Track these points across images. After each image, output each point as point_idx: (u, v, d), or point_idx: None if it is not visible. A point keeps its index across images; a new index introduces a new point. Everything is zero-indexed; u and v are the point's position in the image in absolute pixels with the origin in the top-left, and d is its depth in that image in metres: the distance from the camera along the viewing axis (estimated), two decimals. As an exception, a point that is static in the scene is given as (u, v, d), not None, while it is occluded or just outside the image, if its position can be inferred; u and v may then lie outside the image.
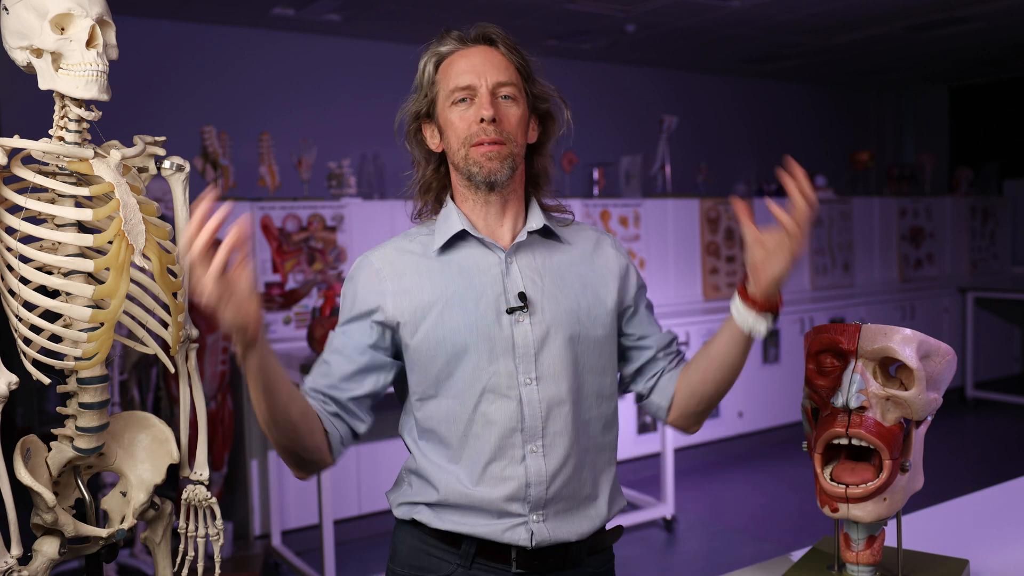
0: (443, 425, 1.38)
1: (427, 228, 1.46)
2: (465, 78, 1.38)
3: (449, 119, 1.39)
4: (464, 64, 1.39)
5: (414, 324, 1.38)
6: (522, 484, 1.35)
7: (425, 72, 1.43)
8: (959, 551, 1.49)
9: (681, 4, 5.41)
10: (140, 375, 3.70)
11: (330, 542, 3.36)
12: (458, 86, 1.38)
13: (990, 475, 3.03)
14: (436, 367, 1.37)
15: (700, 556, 4.01)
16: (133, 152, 1.40)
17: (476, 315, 1.36)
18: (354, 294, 1.42)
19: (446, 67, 1.41)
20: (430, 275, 1.40)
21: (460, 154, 1.39)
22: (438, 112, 1.41)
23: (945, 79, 8.81)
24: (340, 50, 6.18)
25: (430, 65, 1.42)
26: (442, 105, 1.40)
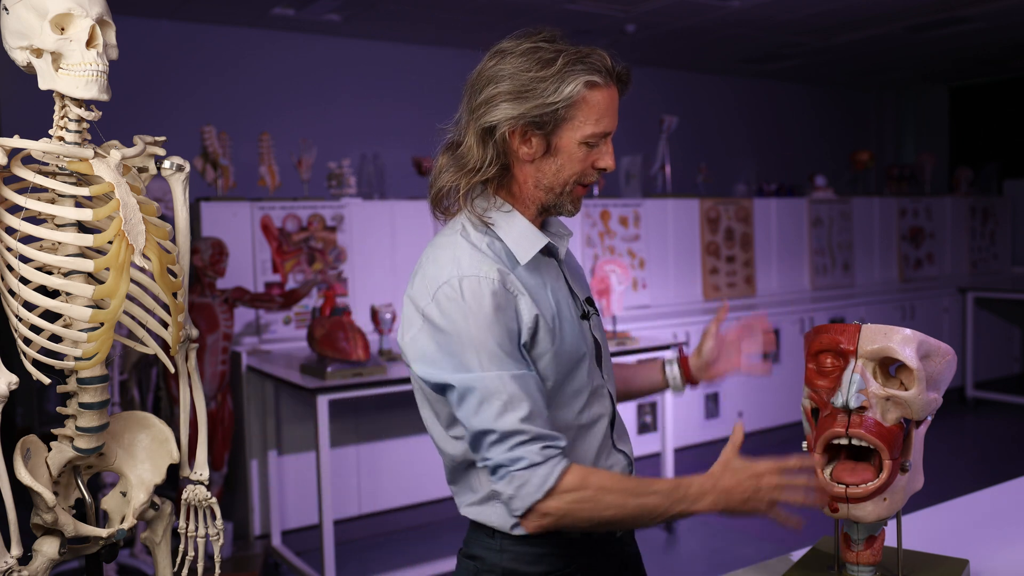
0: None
1: (477, 232, 1.36)
2: (608, 123, 1.34)
3: (574, 153, 1.33)
4: (608, 106, 1.33)
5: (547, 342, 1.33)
6: (624, 467, 1.46)
7: (571, 89, 1.29)
8: (959, 551, 1.49)
9: (681, 4, 5.41)
10: (140, 375, 3.70)
11: (330, 542, 3.36)
12: (602, 131, 1.33)
13: (990, 475, 3.03)
14: (556, 379, 1.35)
15: (700, 556, 4.01)
16: (133, 152, 1.40)
17: (574, 324, 1.39)
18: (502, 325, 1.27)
19: (593, 99, 1.31)
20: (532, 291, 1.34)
21: (566, 187, 1.36)
22: (561, 133, 1.32)
23: (945, 79, 8.81)
24: (340, 50, 6.18)
25: (580, 86, 1.30)
26: (571, 132, 1.32)
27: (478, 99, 1.33)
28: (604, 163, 1.36)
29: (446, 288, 1.28)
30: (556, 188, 1.36)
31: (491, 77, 1.33)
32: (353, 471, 4.18)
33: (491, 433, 1.25)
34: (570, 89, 1.29)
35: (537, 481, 1.24)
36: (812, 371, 1.35)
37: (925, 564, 1.41)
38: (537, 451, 1.24)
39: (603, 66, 1.32)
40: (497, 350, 1.26)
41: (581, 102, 1.30)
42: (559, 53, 1.31)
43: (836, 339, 1.32)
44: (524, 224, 1.37)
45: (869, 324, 1.31)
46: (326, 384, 3.38)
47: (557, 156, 1.33)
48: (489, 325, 1.26)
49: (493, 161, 1.34)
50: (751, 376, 1.60)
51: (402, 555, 4.00)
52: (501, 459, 1.25)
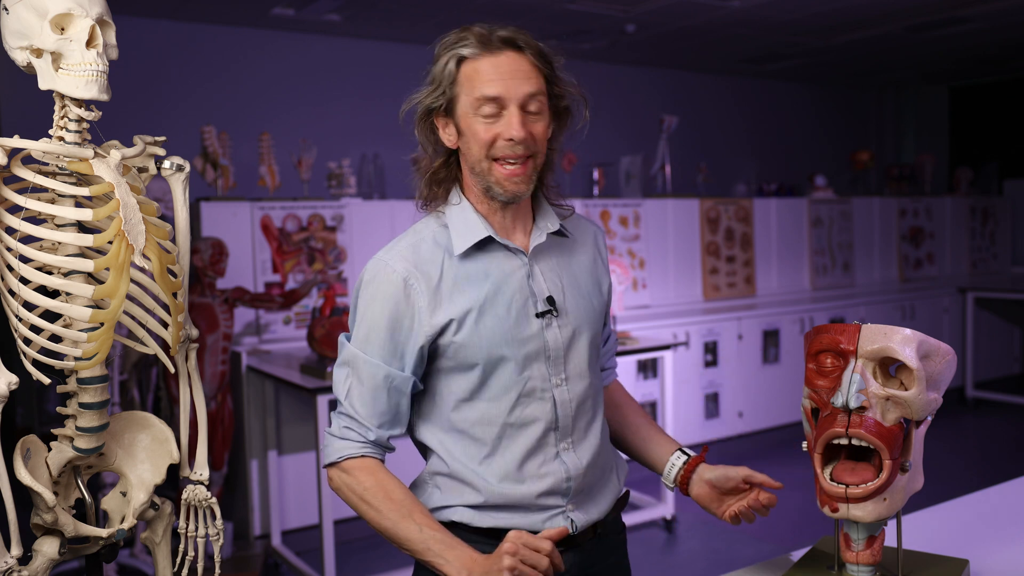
0: (477, 427, 1.40)
1: (436, 223, 1.43)
2: (493, 87, 1.33)
3: (473, 127, 1.35)
4: (492, 71, 1.33)
5: (450, 333, 1.37)
6: (561, 479, 1.41)
7: (446, 69, 1.36)
8: (959, 551, 1.49)
9: (681, 4, 5.41)
10: (140, 375, 3.70)
11: (330, 542, 3.36)
12: (485, 95, 1.33)
13: (990, 475, 3.03)
14: (474, 374, 1.38)
15: (700, 556, 4.01)
16: (133, 152, 1.40)
17: (509, 321, 1.38)
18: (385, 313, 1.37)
19: (471, 70, 1.35)
20: (459, 282, 1.37)
21: (482, 165, 1.36)
22: (459, 113, 1.37)
23: (945, 79, 8.81)
24: (340, 50, 6.18)
25: (452, 63, 1.35)
26: (464, 108, 1.35)
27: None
28: (507, 132, 1.33)
29: (367, 267, 1.43)
30: (476, 167, 1.38)
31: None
32: (353, 471, 4.18)
33: (333, 391, 1.43)
34: (444, 68, 1.36)
35: (330, 450, 1.40)
36: (812, 371, 1.35)
37: (925, 564, 1.41)
38: (340, 427, 1.40)
39: (475, 38, 1.36)
40: (370, 333, 1.37)
41: (460, 78, 1.36)
42: (439, 41, 1.40)
43: (836, 339, 1.32)
44: (469, 215, 1.40)
45: (869, 324, 1.31)
46: (326, 384, 3.38)
47: (465, 135, 1.37)
48: (374, 308, 1.37)
49: (433, 154, 1.43)
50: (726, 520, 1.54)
51: (402, 555, 3.98)
52: (333, 415, 1.44)
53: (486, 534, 1.39)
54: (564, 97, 1.43)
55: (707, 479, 1.50)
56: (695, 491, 1.51)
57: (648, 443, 1.59)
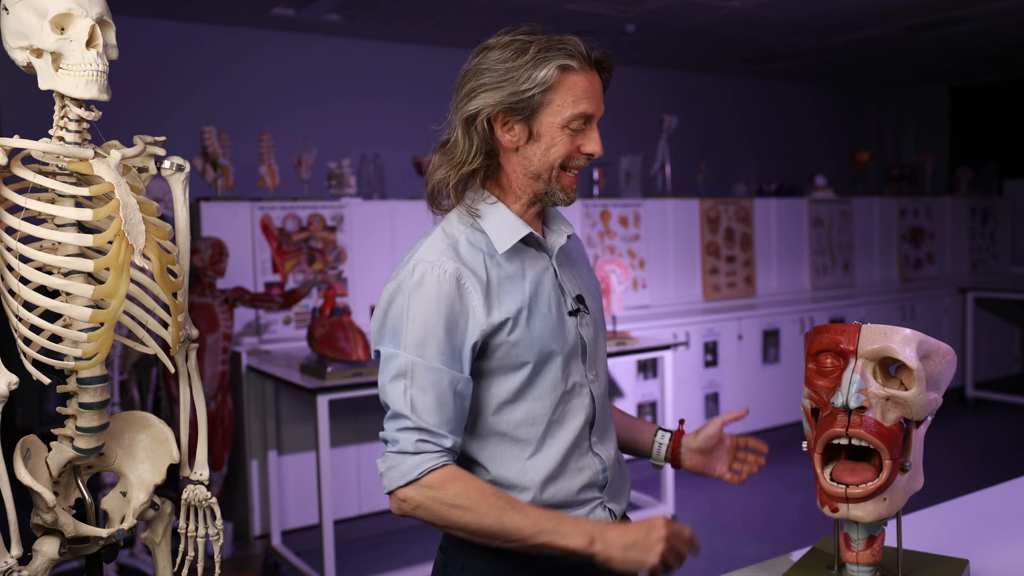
0: (521, 428, 1.39)
1: (463, 225, 1.39)
2: (590, 106, 1.36)
3: (556, 137, 1.35)
4: (588, 89, 1.36)
5: (505, 333, 1.35)
6: (597, 471, 1.44)
7: (544, 73, 1.33)
8: (959, 551, 1.49)
9: (681, 4, 5.41)
10: (140, 375, 3.70)
11: (330, 542, 3.36)
12: (585, 112, 1.35)
13: (990, 475, 3.03)
14: (522, 373, 1.37)
15: (700, 556, 4.00)
16: (133, 152, 1.40)
17: (552, 320, 1.39)
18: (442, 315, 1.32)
19: (572, 82, 1.34)
20: (503, 282, 1.37)
21: (552, 173, 1.37)
22: (541, 119, 1.35)
23: (945, 79, 8.81)
24: (340, 50, 6.18)
25: (553, 70, 1.33)
26: (552, 117, 1.34)
27: (459, 94, 1.38)
28: (590, 148, 1.37)
29: (403, 270, 1.35)
30: (543, 174, 1.37)
31: (474, 72, 1.37)
32: (353, 471, 4.18)
33: (388, 408, 1.34)
34: (544, 73, 1.32)
35: (404, 468, 1.30)
36: (812, 371, 1.35)
37: (925, 564, 1.41)
38: (413, 441, 1.30)
39: (577, 51, 1.35)
40: (426, 336, 1.31)
41: (557, 86, 1.34)
42: (533, 41, 1.35)
43: (836, 339, 1.32)
44: (507, 214, 1.39)
45: (869, 324, 1.31)
46: (326, 384, 3.38)
47: (540, 141, 1.36)
48: (427, 311, 1.31)
49: (478, 151, 1.37)
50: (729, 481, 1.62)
51: (402, 555, 4.00)
52: (387, 434, 1.33)
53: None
54: None
55: (694, 447, 1.60)
56: (688, 462, 1.61)
57: (633, 431, 1.65)
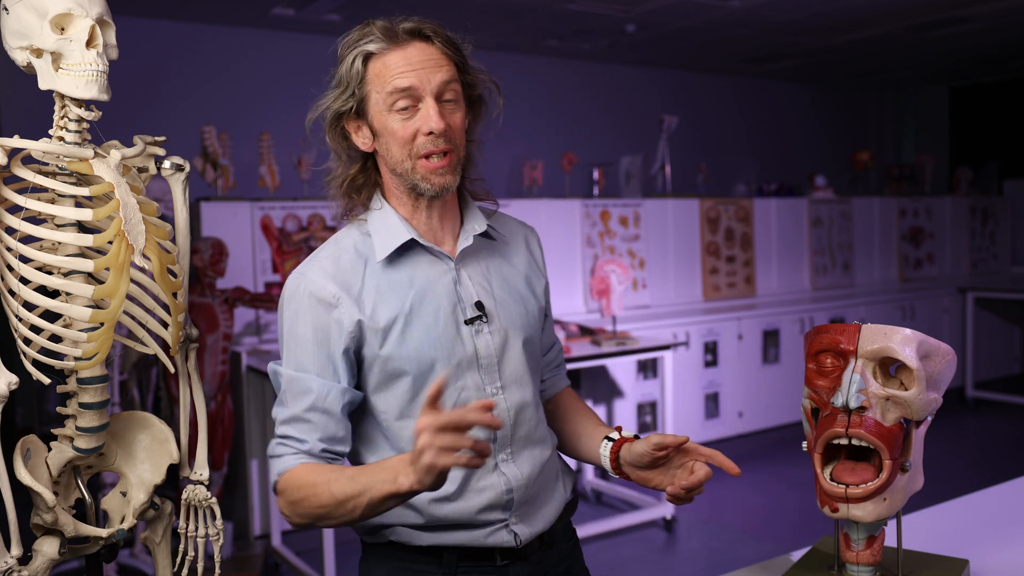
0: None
1: (357, 232, 1.36)
2: (405, 79, 1.27)
3: (389, 126, 1.29)
4: (402, 63, 1.27)
5: (375, 345, 1.30)
6: (500, 492, 1.34)
7: (353, 68, 1.29)
8: (959, 551, 1.49)
9: (681, 4, 5.41)
10: (140, 375, 3.70)
11: (330, 542, 3.36)
12: (398, 88, 1.27)
13: (990, 475, 3.03)
14: (403, 387, 1.32)
15: (700, 556, 4.01)
16: (133, 152, 1.40)
17: (438, 330, 1.32)
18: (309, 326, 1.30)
19: (379, 66, 1.29)
20: (382, 291, 1.31)
21: (405, 165, 1.30)
22: (371, 113, 1.31)
23: (945, 79, 8.81)
24: (340, 50, 6.17)
25: (358, 61, 1.29)
26: (377, 107, 1.30)
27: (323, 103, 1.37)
28: (426, 126, 1.27)
29: (288, 281, 1.36)
30: (398, 167, 1.32)
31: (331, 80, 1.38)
32: (353, 471, 4.18)
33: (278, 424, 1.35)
34: (352, 69, 1.30)
35: (273, 471, 1.33)
36: (812, 371, 1.35)
37: (925, 564, 1.41)
38: (275, 445, 1.33)
39: (378, 33, 1.29)
40: (296, 347, 1.32)
41: (368, 75, 1.30)
42: (341, 42, 1.34)
43: (836, 339, 1.32)
44: (393, 219, 1.35)
45: (869, 324, 1.31)
46: (326, 384, 3.38)
47: (382, 136, 1.32)
48: (297, 322, 1.32)
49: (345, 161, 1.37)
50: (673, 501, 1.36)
51: (402, 555, 3.99)
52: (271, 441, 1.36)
53: (427, 552, 1.34)
54: (477, 86, 1.38)
55: (629, 461, 1.39)
56: (631, 474, 1.40)
57: (582, 440, 1.49)
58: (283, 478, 1.29)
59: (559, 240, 5.25)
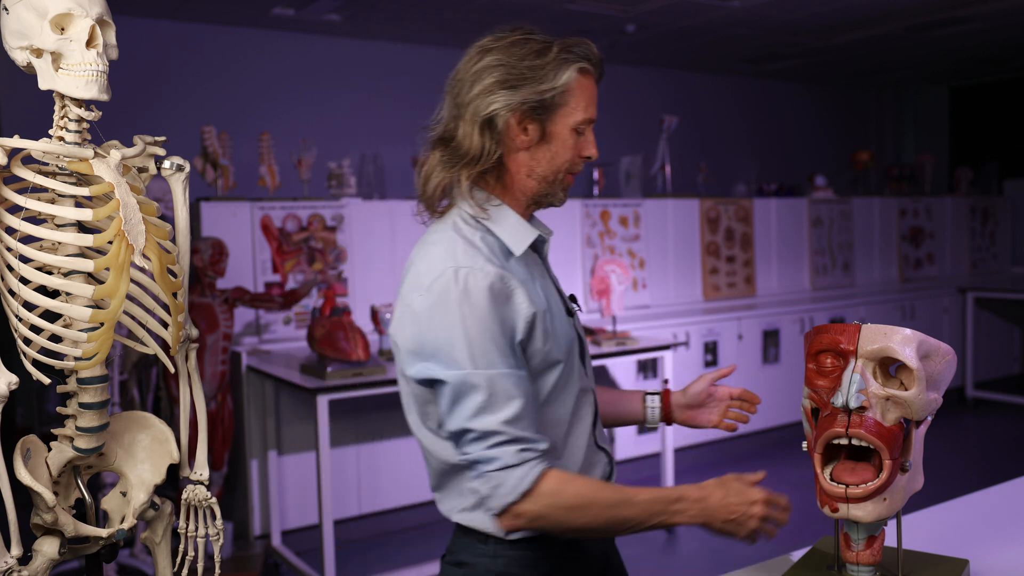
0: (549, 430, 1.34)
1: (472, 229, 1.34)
2: (593, 111, 1.37)
3: (566, 139, 1.35)
4: (593, 93, 1.38)
5: (540, 336, 1.32)
6: (605, 464, 1.46)
7: (566, 74, 1.33)
8: (959, 551, 1.49)
9: (681, 4, 5.41)
10: (140, 375, 3.70)
11: (330, 542, 3.36)
12: (590, 118, 1.37)
13: (990, 475, 3.03)
14: (554, 376, 1.35)
15: (700, 556, 4.01)
16: (133, 152, 1.40)
17: (564, 320, 1.39)
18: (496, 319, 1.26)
19: (583, 84, 1.35)
20: (525, 283, 1.32)
21: (557, 176, 1.37)
22: (555, 120, 1.34)
23: (945, 79, 8.81)
24: (340, 50, 6.18)
25: (574, 71, 1.33)
26: (564, 119, 1.34)
27: (471, 93, 1.33)
28: (589, 151, 1.38)
29: (441, 280, 1.27)
30: (549, 176, 1.36)
31: (480, 71, 1.33)
32: (353, 471, 4.18)
33: (470, 432, 1.25)
34: (566, 76, 1.32)
35: (512, 483, 1.24)
36: (812, 371, 1.35)
37: (925, 564, 1.41)
38: (513, 453, 1.24)
39: (591, 55, 1.36)
40: (490, 346, 1.25)
41: (575, 88, 1.34)
42: (550, 42, 1.34)
43: (836, 339, 1.32)
44: (515, 217, 1.38)
45: (869, 324, 1.31)
46: (326, 384, 3.38)
47: (551, 143, 1.35)
48: (483, 319, 1.25)
49: (493, 150, 1.33)
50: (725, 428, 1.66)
51: (402, 555, 4.00)
52: (478, 456, 1.26)
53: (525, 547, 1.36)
54: None
55: (683, 403, 1.62)
56: (679, 417, 1.62)
57: (618, 404, 1.64)
58: (546, 481, 1.25)
59: (559, 240, 5.25)
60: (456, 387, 1.25)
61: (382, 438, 4.25)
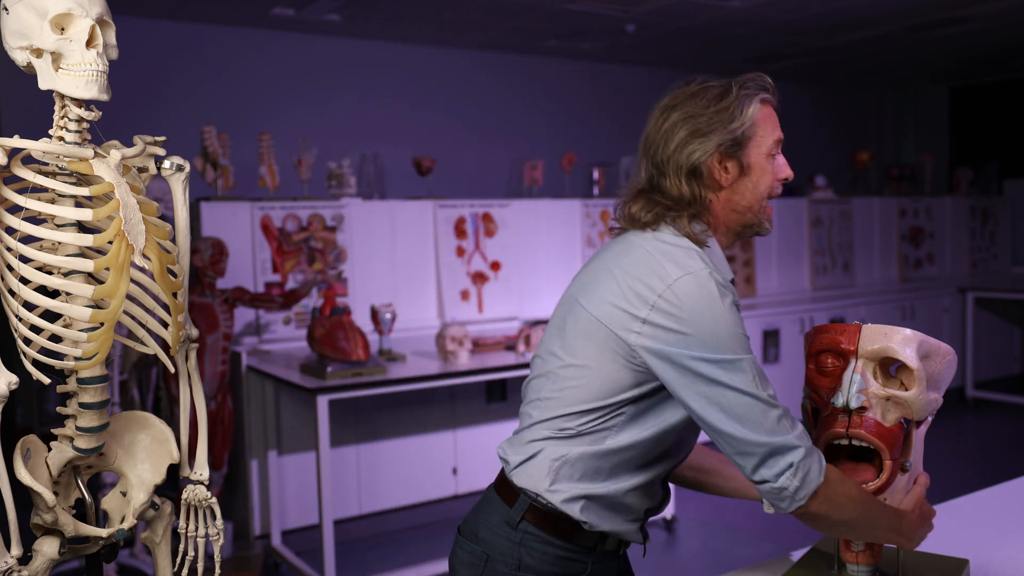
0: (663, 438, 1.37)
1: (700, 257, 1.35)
2: (779, 132, 1.43)
3: (764, 166, 1.41)
4: (776, 120, 1.44)
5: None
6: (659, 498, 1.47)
7: (751, 108, 1.40)
8: (959, 551, 1.49)
9: (681, 4, 5.41)
10: (140, 375, 3.70)
11: (330, 542, 3.36)
12: (779, 138, 1.42)
13: (990, 475, 3.03)
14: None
15: (700, 556, 4.01)
16: (133, 152, 1.40)
17: None
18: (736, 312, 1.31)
19: (766, 111, 1.42)
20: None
21: (759, 204, 1.42)
22: (749, 152, 1.40)
23: (945, 79, 8.81)
24: (340, 50, 6.18)
25: (758, 103, 1.41)
26: (757, 148, 1.40)
27: (668, 150, 1.40)
28: (785, 172, 1.43)
29: (690, 279, 1.29)
30: (754, 206, 1.41)
31: (670, 129, 1.41)
32: (353, 471, 4.18)
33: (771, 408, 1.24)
34: (752, 109, 1.39)
35: (817, 466, 1.23)
36: (812, 371, 1.35)
37: (925, 564, 1.41)
38: (805, 435, 1.24)
39: (767, 84, 1.44)
40: (744, 339, 1.28)
41: (760, 118, 1.40)
42: (727, 85, 1.42)
43: (836, 339, 1.31)
44: (719, 254, 1.42)
45: (869, 324, 1.31)
46: (326, 384, 3.38)
47: (751, 174, 1.40)
48: (736, 315, 1.30)
49: (702, 195, 1.39)
50: None
51: (402, 555, 4.00)
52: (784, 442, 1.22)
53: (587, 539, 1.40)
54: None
55: None
56: None
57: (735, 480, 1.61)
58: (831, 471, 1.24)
59: (559, 240, 5.25)
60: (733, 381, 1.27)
61: (382, 438, 4.25)
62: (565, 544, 1.38)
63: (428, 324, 4.64)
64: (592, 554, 1.41)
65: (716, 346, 1.25)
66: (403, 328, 4.39)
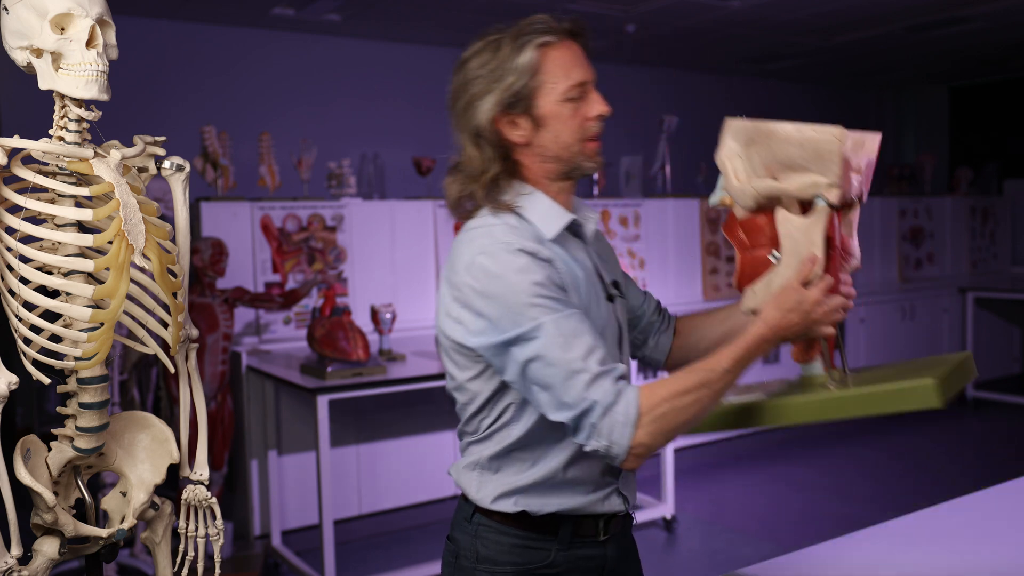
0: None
1: (504, 219, 1.35)
2: (580, 73, 1.35)
3: (561, 113, 1.34)
4: (572, 58, 1.35)
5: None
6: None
7: (527, 58, 1.32)
8: (959, 551, 1.49)
9: (681, 4, 5.41)
10: (140, 375, 3.70)
11: (330, 542, 3.36)
12: (577, 81, 1.34)
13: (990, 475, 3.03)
14: None
15: (700, 556, 4.01)
16: (133, 152, 1.40)
17: (601, 306, 1.39)
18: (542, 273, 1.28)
19: (552, 56, 1.34)
20: (562, 263, 1.34)
21: (573, 148, 1.36)
22: (540, 103, 1.34)
23: (945, 79, 8.81)
24: (340, 50, 6.18)
25: (534, 51, 1.32)
26: (548, 97, 1.33)
27: (456, 116, 1.37)
28: (596, 110, 1.37)
29: (481, 258, 1.29)
30: (563, 154, 1.37)
31: (462, 86, 1.36)
32: (353, 471, 4.18)
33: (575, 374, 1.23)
34: (526, 58, 1.32)
35: (621, 419, 1.22)
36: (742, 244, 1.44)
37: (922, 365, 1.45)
38: (609, 389, 1.23)
39: (548, 26, 1.35)
40: (542, 300, 1.25)
41: (542, 65, 1.33)
42: (504, 34, 1.35)
43: None
44: (547, 202, 1.38)
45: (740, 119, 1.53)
46: (326, 384, 3.38)
47: (548, 125, 1.35)
48: (529, 277, 1.26)
49: (495, 157, 1.36)
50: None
51: (402, 555, 4.00)
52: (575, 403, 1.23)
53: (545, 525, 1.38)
54: None
55: None
56: None
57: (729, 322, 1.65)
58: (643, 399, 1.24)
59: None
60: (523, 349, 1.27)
61: (382, 438, 4.25)
62: (518, 531, 1.38)
63: (428, 324, 4.64)
64: (555, 540, 1.38)
65: (511, 321, 1.25)
66: (403, 328, 4.39)
